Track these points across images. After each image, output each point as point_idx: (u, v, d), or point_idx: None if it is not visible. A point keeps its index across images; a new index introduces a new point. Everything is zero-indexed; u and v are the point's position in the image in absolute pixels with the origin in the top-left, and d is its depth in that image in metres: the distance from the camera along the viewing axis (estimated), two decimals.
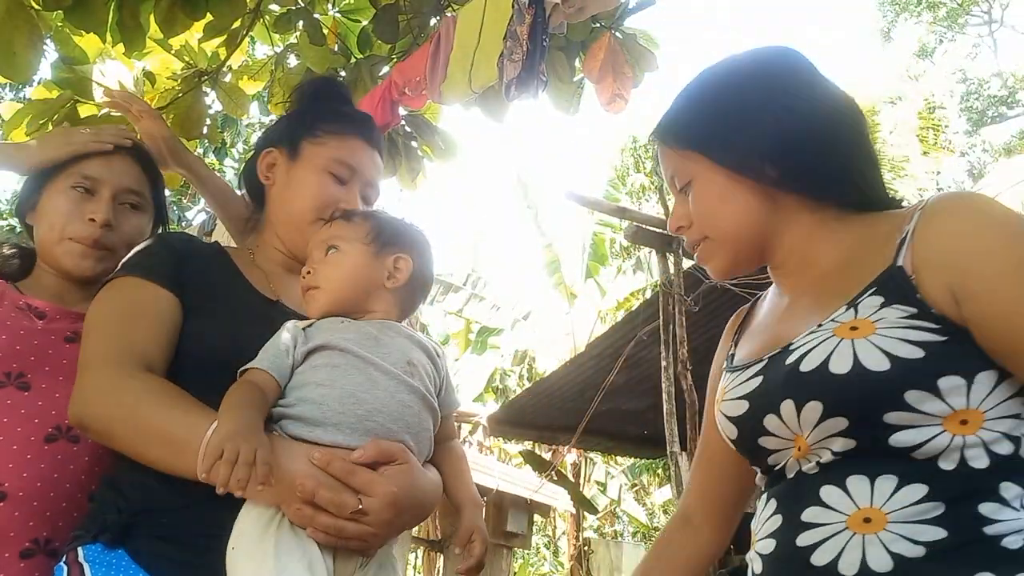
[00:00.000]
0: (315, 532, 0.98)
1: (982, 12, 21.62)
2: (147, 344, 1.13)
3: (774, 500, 0.96)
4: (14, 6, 1.96)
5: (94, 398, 1.09)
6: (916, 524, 0.82)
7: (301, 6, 2.65)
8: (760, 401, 0.97)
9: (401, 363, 1.11)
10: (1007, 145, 18.79)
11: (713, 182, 1.03)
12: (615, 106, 2.60)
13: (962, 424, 0.83)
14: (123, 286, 1.20)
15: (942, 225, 0.90)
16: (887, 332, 0.86)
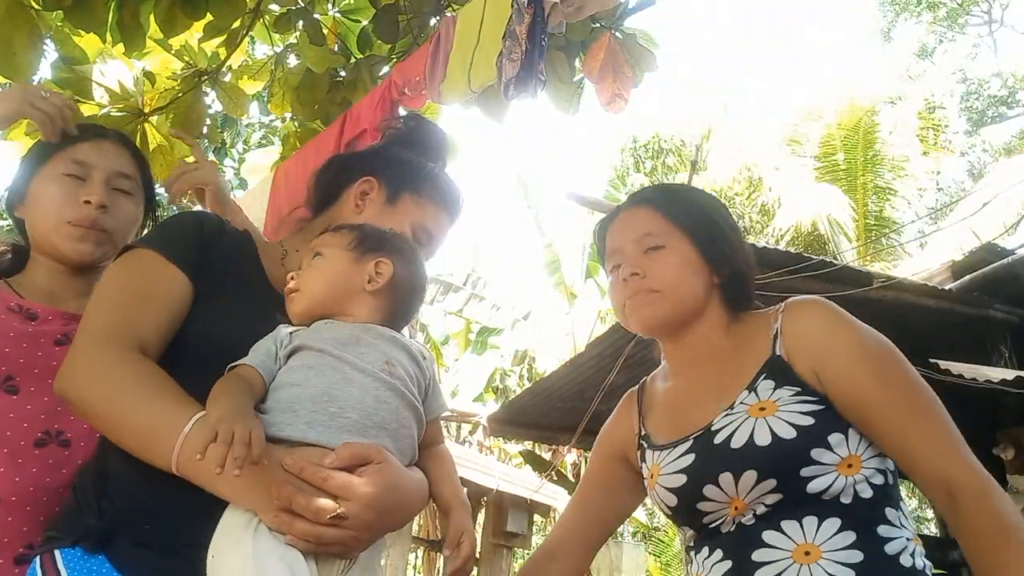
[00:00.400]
0: (293, 539, 0.96)
1: (982, 12, 21.61)
2: (147, 326, 1.11)
3: (719, 549, 1.19)
4: (14, 6, 1.96)
5: (80, 374, 1.07)
6: (841, 551, 1.07)
7: (301, 6, 2.65)
8: (698, 474, 1.19)
9: (379, 362, 1.10)
10: (1007, 145, 18.79)
11: (685, 256, 1.29)
12: (615, 106, 2.61)
13: (848, 467, 1.12)
14: (140, 259, 1.18)
15: (802, 324, 1.21)
16: (786, 408, 1.15)
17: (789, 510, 1.12)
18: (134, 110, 2.37)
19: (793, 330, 1.21)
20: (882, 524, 1.10)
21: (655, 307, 1.27)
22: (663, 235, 1.30)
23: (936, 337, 5.10)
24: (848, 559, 1.07)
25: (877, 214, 12.29)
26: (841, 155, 12.72)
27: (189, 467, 0.98)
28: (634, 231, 1.32)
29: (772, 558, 1.10)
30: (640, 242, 1.30)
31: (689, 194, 1.42)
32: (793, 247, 10.19)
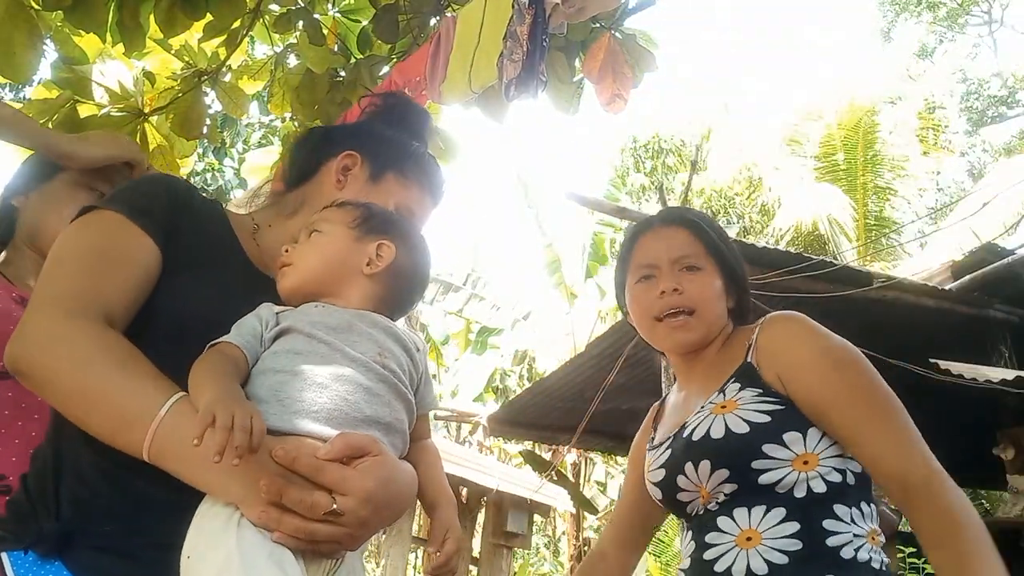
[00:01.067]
0: (282, 536, 0.87)
1: (982, 12, 21.61)
2: (113, 293, 1.00)
3: (690, 532, 1.33)
4: (14, 6, 1.96)
5: (39, 343, 0.95)
6: (781, 539, 1.17)
7: (301, 6, 2.65)
8: (671, 467, 1.33)
9: (372, 352, 1.03)
10: (1007, 145, 18.78)
11: (715, 281, 1.40)
12: (615, 106, 2.61)
13: (804, 463, 1.20)
14: (104, 221, 1.06)
15: (773, 334, 1.31)
16: (745, 406, 1.25)
17: (744, 499, 1.22)
18: (134, 110, 2.37)
19: (765, 340, 1.31)
20: (829, 519, 1.17)
21: (689, 332, 1.37)
22: (699, 258, 1.40)
23: (936, 337, 5.10)
24: (786, 547, 1.16)
25: (877, 214, 12.29)
26: (841, 155, 12.73)
27: (164, 454, 0.89)
28: (672, 249, 1.41)
29: (720, 541, 1.23)
30: (678, 261, 1.39)
31: (711, 222, 1.51)
32: (793, 247, 10.19)
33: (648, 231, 1.46)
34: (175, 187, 1.17)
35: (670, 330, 1.37)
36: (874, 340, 4.60)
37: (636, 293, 1.43)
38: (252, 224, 1.26)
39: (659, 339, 1.41)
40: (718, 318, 1.39)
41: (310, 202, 1.28)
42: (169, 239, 1.07)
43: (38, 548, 0.91)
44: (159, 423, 0.89)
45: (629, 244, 1.49)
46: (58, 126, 2.22)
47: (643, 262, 1.42)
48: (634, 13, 2.61)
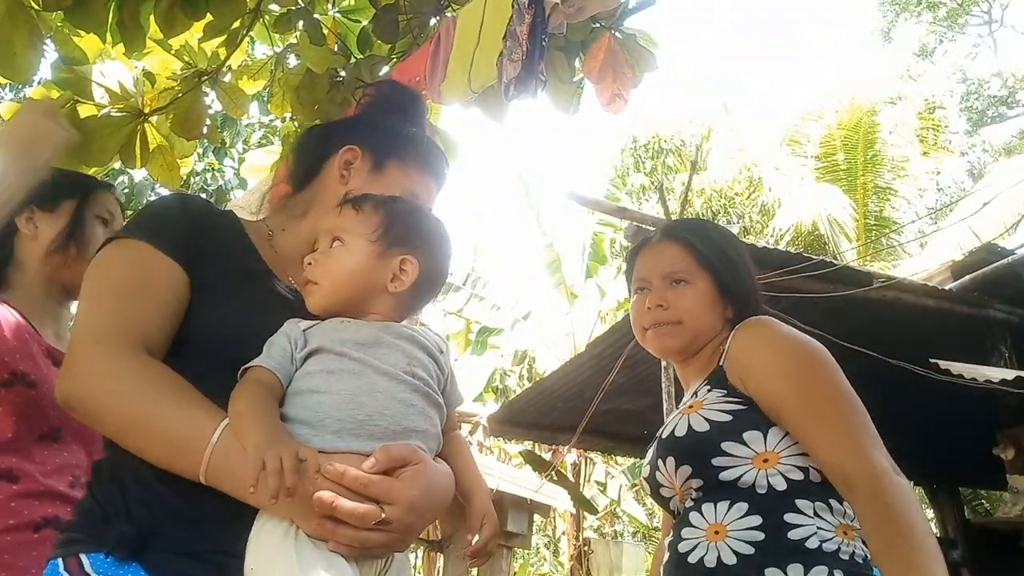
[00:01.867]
0: (337, 545, 0.94)
1: (982, 12, 21.60)
2: (149, 323, 1.04)
3: (673, 528, 1.39)
4: (14, 6, 1.95)
5: (88, 377, 0.99)
6: (746, 531, 1.23)
7: (301, 6, 2.65)
8: (652, 464, 1.42)
9: (401, 363, 1.07)
10: (1007, 145, 18.78)
11: (705, 293, 1.47)
12: (615, 106, 2.60)
13: (764, 461, 1.27)
14: (128, 250, 1.10)
15: (739, 339, 1.39)
16: (708, 406, 1.33)
17: (710, 496, 1.30)
18: (134, 110, 2.37)
19: (733, 345, 1.39)
20: (791, 512, 1.23)
21: (674, 338, 1.46)
22: (688, 272, 1.48)
23: (936, 337, 5.10)
24: (751, 538, 1.22)
25: (877, 214, 12.29)
26: (841, 155, 12.73)
27: (219, 477, 0.95)
28: (662, 265, 1.51)
29: (692, 535, 1.30)
30: (667, 276, 1.49)
31: (713, 233, 1.59)
32: (793, 247, 10.19)
33: (646, 247, 1.58)
34: (191, 206, 1.19)
35: (654, 337, 1.49)
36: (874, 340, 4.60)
37: (632, 305, 1.56)
38: (267, 230, 1.27)
39: (648, 346, 1.52)
40: (707, 327, 1.46)
41: (318, 201, 1.29)
42: (193, 260, 1.10)
43: (117, 551, 0.96)
44: (212, 449, 0.95)
45: (631, 258, 1.60)
46: None
47: (638, 276, 1.55)
48: (634, 13, 2.61)
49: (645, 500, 13.68)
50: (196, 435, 0.95)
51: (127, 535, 0.96)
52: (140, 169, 2.49)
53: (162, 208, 1.19)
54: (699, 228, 1.60)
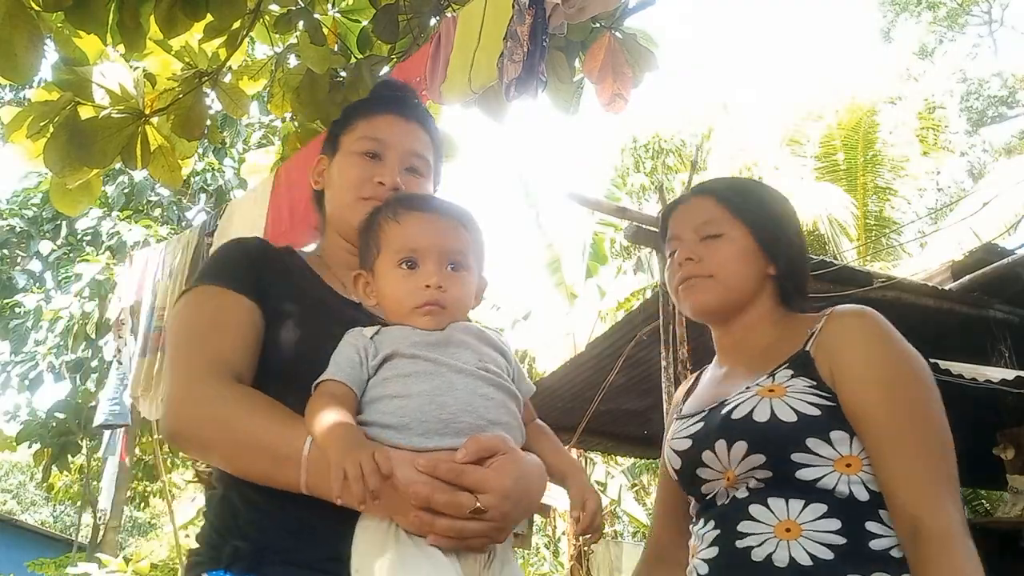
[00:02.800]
0: (436, 538, 0.96)
1: (982, 12, 21.61)
2: (234, 354, 1.11)
3: (712, 520, 1.25)
4: (15, 7, 1.96)
5: (188, 410, 1.08)
6: (824, 534, 1.12)
7: (301, 6, 2.65)
8: (700, 440, 1.28)
9: (473, 360, 1.09)
10: (1007, 145, 18.78)
11: (741, 246, 1.34)
12: (615, 106, 2.61)
13: (847, 466, 1.15)
14: (203, 295, 1.18)
15: (836, 327, 1.24)
16: (795, 395, 1.19)
17: (779, 490, 1.16)
18: (135, 111, 2.37)
19: (827, 332, 1.24)
20: (872, 521, 1.12)
21: (708, 293, 1.34)
22: (721, 224, 1.36)
23: (936, 337, 5.10)
24: (830, 541, 1.10)
25: (877, 214, 12.29)
26: (841, 155, 12.72)
27: (318, 486, 0.99)
28: (693, 219, 1.39)
29: (755, 530, 1.16)
30: (698, 230, 1.37)
31: (753, 187, 1.47)
32: None
33: (678, 206, 1.46)
34: (249, 245, 1.30)
35: (686, 293, 1.36)
36: None
37: (667, 267, 1.44)
38: (318, 256, 1.37)
39: (682, 305, 1.39)
40: (744, 282, 1.33)
41: (327, 214, 1.39)
42: (261, 293, 1.19)
43: (235, 567, 1.03)
44: (307, 460, 0.99)
45: (663, 222, 1.49)
46: (59, 129, 2.22)
47: (671, 236, 1.43)
48: (634, 13, 2.61)
49: (645, 500, 13.68)
50: (291, 449, 1.00)
51: (242, 550, 1.04)
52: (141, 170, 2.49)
53: (223, 254, 1.28)
54: (735, 181, 1.48)
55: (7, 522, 17.92)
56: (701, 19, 76.47)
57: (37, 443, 11.02)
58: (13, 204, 12.02)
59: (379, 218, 1.18)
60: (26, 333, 10.94)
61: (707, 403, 1.34)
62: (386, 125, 1.35)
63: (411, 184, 1.33)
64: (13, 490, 27.59)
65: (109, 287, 9.22)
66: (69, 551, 14.27)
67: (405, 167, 1.33)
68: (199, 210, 12.07)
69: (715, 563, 1.20)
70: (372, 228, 1.19)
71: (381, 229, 1.17)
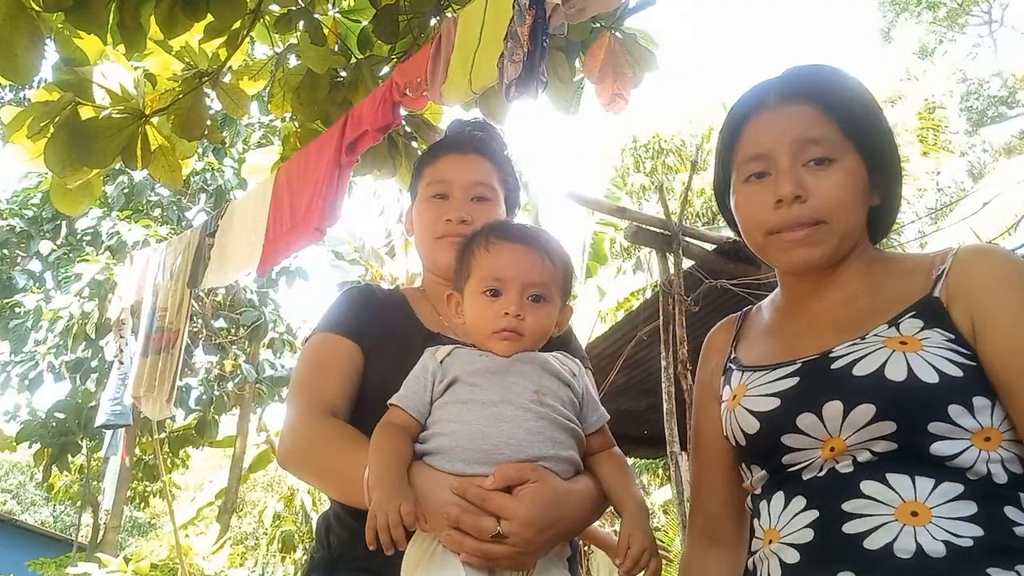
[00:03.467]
0: (467, 556, 1.05)
1: (982, 12, 21.61)
2: (332, 392, 1.30)
3: (800, 497, 1.00)
4: (15, 7, 1.96)
5: (290, 443, 1.28)
6: (958, 521, 0.90)
7: (301, 6, 2.65)
8: (797, 400, 1.01)
9: (528, 392, 1.15)
10: (1007, 145, 18.79)
11: (855, 178, 1.05)
12: (615, 106, 2.61)
13: (986, 440, 0.94)
14: (315, 343, 1.39)
15: (974, 269, 1.01)
16: (933, 351, 0.96)
17: (902, 465, 0.94)
18: (135, 111, 2.38)
19: (963, 272, 1.01)
20: (1011, 506, 0.92)
21: (821, 246, 1.05)
22: (834, 147, 1.05)
23: None
24: (965, 531, 0.90)
25: None
26: None
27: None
28: (794, 132, 1.05)
29: (869, 511, 0.94)
30: (802, 150, 1.04)
31: (857, 90, 1.11)
32: None
33: (761, 111, 1.09)
34: (357, 295, 1.47)
35: (789, 245, 1.05)
36: None
37: (744, 196, 1.09)
38: (421, 290, 1.53)
39: (775, 255, 1.09)
40: (856, 229, 1.07)
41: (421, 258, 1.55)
42: (362, 335, 1.36)
43: (315, 572, 1.28)
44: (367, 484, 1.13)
45: (734, 127, 1.12)
46: (60, 129, 2.22)
47: (753, 152, 1.08)
48: (634, 13, 2.61)
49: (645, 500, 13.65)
50: (357, 475, 1.13)
51: (319, 559, 1.28)
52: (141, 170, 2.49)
53: (335, 304, 1.46)
54: (835, 79, 1.11)
55: (7, 522, 17.92)
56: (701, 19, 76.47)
57: (37, 443, 11.04)
58: (13, 204, 12.03)
59: (473, 244, 1.26)
60: (26, 333, 10.95)
61: (794, 354, 1.07)
62: (447, 165, 1.50)
63: (479, 212, 1.45)
64: (13, 490, 27.59)
65: (109, 287, 9.23)
66: (69, 551, 14.28)
67: (471, 198, 1.47)
68: (199, 210, 12.08)
69: (810, 550, 0.97)
70: (466, 253, 1.27)
71: (473, 255, 1.25)
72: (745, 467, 1.12)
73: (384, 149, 2.84)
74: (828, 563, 0.95)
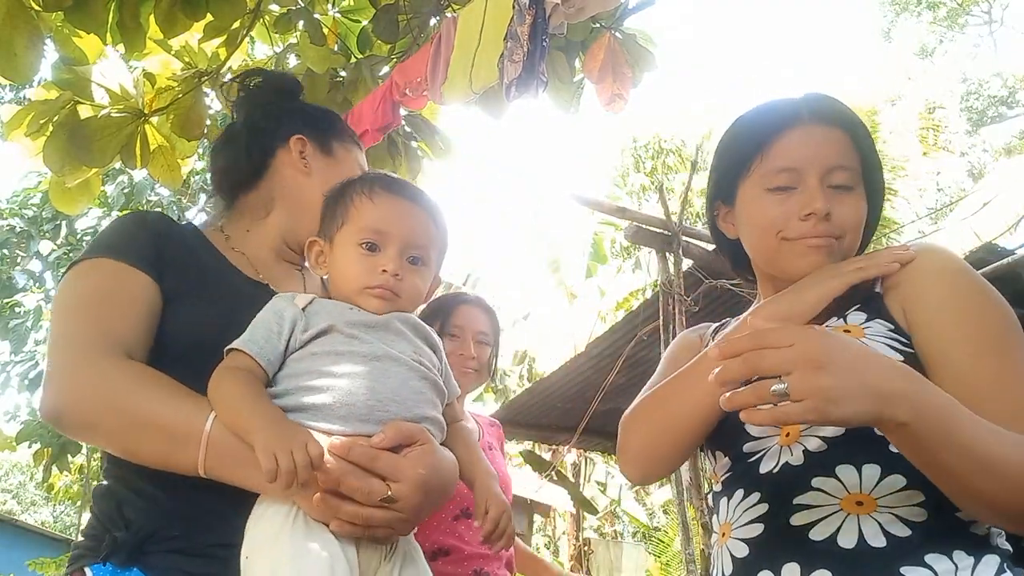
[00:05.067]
0: (340, 524, 0.92)
1: (982, 12, 21.61)
2: (126, 330, 1.03)
3: (755, 492, 1.04)
4: (15, 7, 1.96)
5: (75, 388, 0.99)
6: (903, 508, 0.94)
7: (301, 6, 2.65)
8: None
9: (409, 351, 1.06)
10: (1007, 145, 18.79)
11: (863, 205, 1.13)
12: (615, 106, 2.61)
13: None
14: (96, 268, 1.10)
15: (909, 265, 1.06)
16: (876, 338, 1.01)
17: (849, 454, 0.97)
18: (134, 111, 2.37)
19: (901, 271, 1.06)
20: None
21: (832, 257, 1.10)
22: (854, 175, 1.11)
23: None
24: (910, 516, 0.93)
25: None
26: None
27: (218, 466, 0.95)
28: (826, 158, 1.09)
29: (817, 502, 0.97)
30: (830, 174, 1.09)
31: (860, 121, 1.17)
32: None
33: (796, 126, 1.12)
34: (150, 219, 1.20)
35: (808, 250, 1.09)
36: None
37: (766, 203, 1.11)
38: (221, 234, 1.27)
39: (785, 257, 1.12)
40: (854, 249, 1.14)
41: (282, 196, 1.30)
42: (161, 270, 1.11)
43: (114, 558, 0.97)
44: (207, 438, 0.94)
45: (759, 138, 1.14)
46: (59, 128, 2.22)
47: (784, 165, 1.10)
48: (634, 13, 2.61)
49: (645, 500, 13.69)
50: (188, 430, 0.95)
51: (121, 541, 0.97)
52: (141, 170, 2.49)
53: (120, 226, 1.19)
54: (855, 118, 1.17)
55: (7, 522, 17.91)
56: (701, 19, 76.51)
57: (37, 443, 11.02)
58: (13, 204, 12.02)
59: (352, 190, 1.14)
60: (26, 333, 10.94)
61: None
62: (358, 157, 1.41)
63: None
64: (13, 490, 27.59)
65: None
66: (69, 551, 14.27)
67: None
68: (199, 210, 12.07)
69: (759, 543, 1.01)
70: (343, 198, 1.14)
71: (352, 202, 1.12)
72: (711, 453, 1.16)
73: (384, 149, 2.84)
74: (775, 556, 0.98)
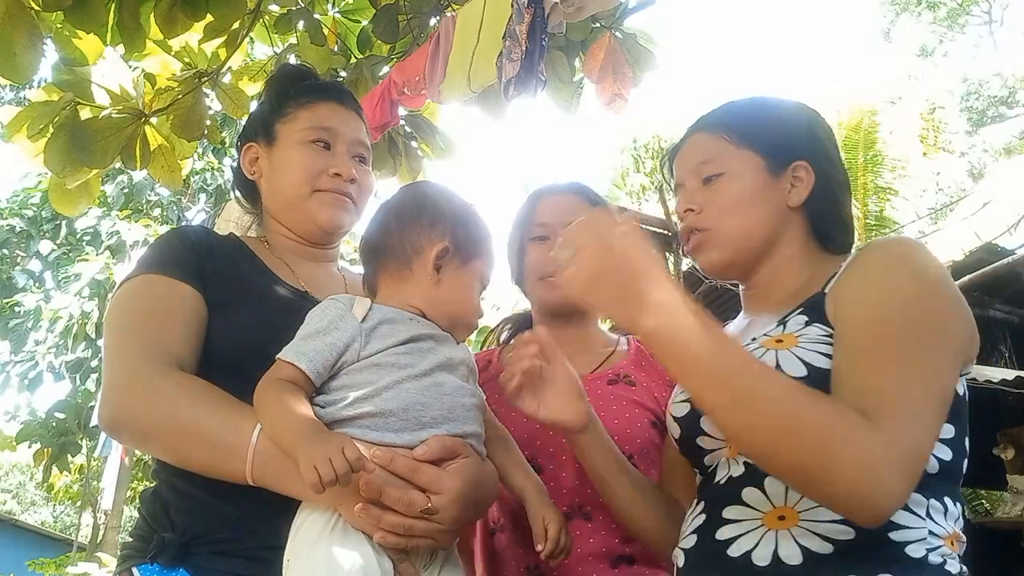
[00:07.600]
0: (384, 535, 0.94)
1: (982, 12, 21.60)
2: (176, 342, 1.08)
3: (703, 502, 1.04)
4: (14, 7, 1.95)
5: (129, 399, 1.04)
6: (826, 523, 0.88)
7: (301, 6, 2.65)
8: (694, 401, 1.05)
9: (460, 367, 1.09)
10: (1007, 145, 18.77)
11: (746, 180, 1.10)
12: (615, 106, 2.61)
13: None
14: (143, 285, 1.15)
15: (860, 259, 1.00)
16: (808, 345, 0.95)
17: None
18: (134, 111, 2.37)
19: (851, 265, 1.01)
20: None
21: (712, 250, 1.11)
22: (721, 160, 1.12)
23: None
24: (832, 533, 0.87)
25: (877, 214, 12.29)
26: (842, 155, 12.74)
27: (264, 476, 0.98)
28: (690, 160, 1.16)
29: (741, 517, 0.95)
30: (698, 172, 1.14)
31: (760, 103, 1.19)
32: None
33: (678, 147, 1.21)
34: (190, 233, 1.25)
35: (693, 254, 1.14)
36: None
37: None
38: (263, 242, 1.32)
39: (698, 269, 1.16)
40: (758, 224, 1.09)
41: (266, 204, 1.35)
42: (204, 282, 1.15)
43: (161, 559, 1.00)
44: (254, 450, 0.97)
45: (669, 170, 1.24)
46: (59, 129, 2.22)
47: (676, 184, 1.20)
48: (634, 12, 2.61)
49: None
50: (237, 440, 0.98)
51: (168, 543, 1.01)
52: (141, 170, 2.49)
53: (163, 243, 1.23)
54: (736, 104, 1.19)
55: (7, 522, 17.91)
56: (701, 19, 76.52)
57: (37, 443, 11.02)
58: (13, 204, 12.01)
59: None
60: (26, 333, 10.94)
61: None
62: (330, 113, 1.31)
63: (362, 175, 1.32)
64: (13, 490, 27.59)
65: (109, 287, 9.23)
66: (69, 551, 14.28)
67: (353, 156, 1.31)
68: (199, 210, 12.07)
69: (689, 555, 1.00)
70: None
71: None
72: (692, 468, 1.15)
73: (384, 148, 2.84)
74: (702, 569, 0.97)
